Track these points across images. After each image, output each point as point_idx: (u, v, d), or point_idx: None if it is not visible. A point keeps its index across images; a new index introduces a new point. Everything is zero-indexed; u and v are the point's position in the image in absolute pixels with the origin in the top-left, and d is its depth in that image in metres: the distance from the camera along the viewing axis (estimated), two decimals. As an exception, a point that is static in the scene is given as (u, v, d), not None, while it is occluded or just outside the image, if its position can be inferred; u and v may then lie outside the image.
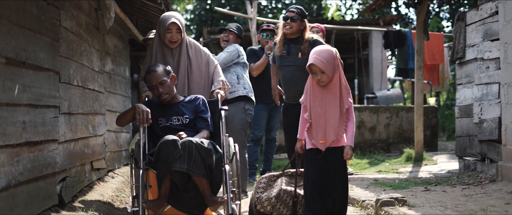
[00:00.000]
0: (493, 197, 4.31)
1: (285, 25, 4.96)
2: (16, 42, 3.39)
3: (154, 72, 3.80)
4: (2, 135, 3.16)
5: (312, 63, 3.41)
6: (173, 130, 3.72)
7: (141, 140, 3.55)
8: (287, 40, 5.00)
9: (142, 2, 6.30)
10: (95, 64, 5.58)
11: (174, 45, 4.10)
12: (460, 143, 6.39)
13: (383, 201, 4.05)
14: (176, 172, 3.42)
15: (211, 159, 3.48)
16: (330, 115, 3.40)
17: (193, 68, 4.14)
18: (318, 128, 3.44)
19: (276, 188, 3.85)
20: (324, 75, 3.39)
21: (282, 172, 3.97)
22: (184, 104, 3.88)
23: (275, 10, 21.66)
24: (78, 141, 4.82)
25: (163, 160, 3.41)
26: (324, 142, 3.42)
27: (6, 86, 3.24)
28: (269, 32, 6.39)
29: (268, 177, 4.00)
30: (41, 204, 3.78)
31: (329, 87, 3.44)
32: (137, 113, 3.63)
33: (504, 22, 5.10)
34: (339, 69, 3.46)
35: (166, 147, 3.42)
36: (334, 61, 3.43)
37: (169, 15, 4.14)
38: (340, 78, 3.44)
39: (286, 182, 3.88)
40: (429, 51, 10.19)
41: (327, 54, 3.43)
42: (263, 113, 6.44)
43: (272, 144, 6.75)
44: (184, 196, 3.52)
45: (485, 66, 5.72)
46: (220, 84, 4.14)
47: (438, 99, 16.47)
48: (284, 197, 3.80)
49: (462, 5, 18.59)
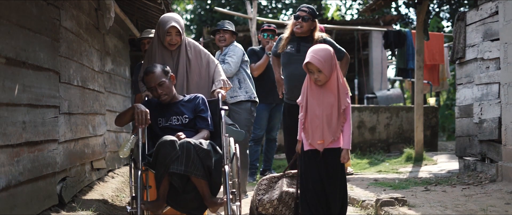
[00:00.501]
0: (493, 197, 4.31)
1: (296, 24, 4.90)
2: (16, 42, 3.39)
3: (152, 73, 3.74)
4: (2, 135, 3.16)
5: (309, 62, 3.36)
6: (173, 130, 3.67)
7: (140, 140, 3.52)
8: (296, 38, 4.94)
9: (142, 2, 6.30)
10: (95, 64, 5.58)
11: (173, 47, 4.07)
12: (460, 143, 6.39)
13: (383, 201, 4.05)
14: (174, 173, 3.38)
15: (210, 160, 3.44)
16: (328, 115, 3.35)
17: (192, 69, 4.10)
18: (316, 129, 3.38)
19: (278, 190, 3.81)
20: (321, 74, 3.35)
21: (283, 174, 3.93)
22: (183, 104, 3.83)
23: (275, 10, 21.67)
24: (78, 141, 4.82)
25: (161, 161, 3.37)
26: (322, 142, 3.36)
27: (6, 86, 3.24)
28: (270, 32, 6.38)
29: (269, 178, 3.96)
30: (41, 204, 3.78)
31: (326, 87, 3.39)
32: (136, 114, 3.59)
33: (504, 22, 5.10)
34: (337, 68, 3.41)
35: (164, 148, 3.37)
36: (332, 60, 3.38)
37: (168, 17, 4.09)
38: (337, 77, 3.39)
39: (288, 183, 3.84)
40: (429, 51, 10.19)
41: (324, 53, 3.39)
42: (263, 113, 6.44)
43: (273, 144, 6.75)
44: (183, 197, 3.47)
45: (485, 66, 5.72)
46: (221, 84, 4.09)
47: (438, 99, 16.46)
48: (286, 199, 3.76)
49: (462, 5, 18.58)
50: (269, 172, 6.69)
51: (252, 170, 6.48)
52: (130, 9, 6.87)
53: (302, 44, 4.87)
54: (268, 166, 6.77)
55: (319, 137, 3.36)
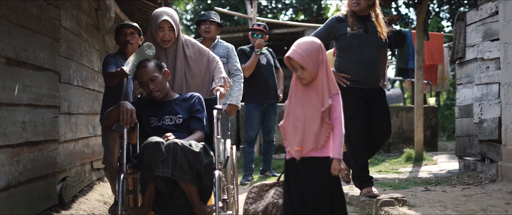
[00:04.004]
0: (493, 197, 4.31)
1: (352, 2, 4.37)
2: (16, 42, 3.39)
3: (144, 67, 3.47)
4: (2, 135, 3.16)
5: (289, 56, 2.86)
6: (165, 131, 3.40)
7: (125, 141, 3.28)
8: (360, 17, 4.42)
9: (142, 2, 6.30)
10: (95, 64, 5.58)
11: (167, 44, 3.74)
12: (460, 143, 6.39)
13: (383, 201, 4.04)
14: (159, 177, 3.12)
15: (200, 164, 3.17)
16: (311, 118, 2.83)
17: (192, 68, 3.83)
18: (296, 133, 2.86)
19: (265, 201, 3.40)
20: (305, 72, 2.84)
21: (276, 182, 3.48)
22: (178, 103, 3.56)
23: (275, 10, 21.67)
24: (78, 141, 4.83)
25: (145, 164, 3.12)
26: (300, 149, 2.83)
27: (6, 86, 3.24)
28: (259, 32, 6.28)
29: (260, 186, 3.52)
30: (41, 204, 3.78)
31: (312, 86, 2.88)
32: (121, 113, 3.32)
33: (504, 22, 5.10)
34: (325, 64, 2.88)
35: (148, 150, 3.12)
36: (317, 55, 2.86)
37: (161, 11, 3.77)
38: (327, 75, 2.87)
39: (278, 194, 3.39)
40: (428, 51, 10.19)
41: (307, 46, 2.87)
42: (254, 113, 6.38)
43: (270, 146, 6.69)
44: (171, 204, 3.21)
45: (485, 66, 5.72)
46: (221, 82, 3.79)
47: (438, 99, 16.47)
48: (273, 212, 3.33)
49: (462, 5, 18.58)
50: (269, 172, 6.69)
51: (247, 172, 6.43)
52: (130, 9, 6.87)
53: (368, 24, 4.41)
54: (268, 166, 6.74)
55: (298, 143, 2.85)
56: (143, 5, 6.50)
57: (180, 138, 3.28)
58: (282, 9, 21.55)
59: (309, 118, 2.84)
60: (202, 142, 3.35)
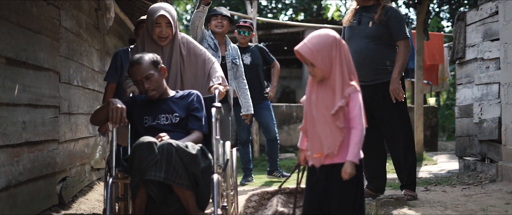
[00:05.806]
0: (493, 197, 4.31)
1: None
2: (16, 42, 3.39)
3: (139, 64, 3.18)
4: (2, 135, 3.16)
5: (296, 50, 2.61)
6: (160, 131, 3.12)
7: (114, 142, 3.00)
8: (360, 9, 4.24)
9: (142, 2, 6.30)
10: (95, 64, 5.58)
11: (164, 41, 3.53)
12: (460, 143, 6.39)
13: (383, 201, 4.04)
14: (151, 181, 2.84)
15: (197, 167, 2.90)
16: (325, 120, 2.55)
17: (187, 68, 3.61)
18: (314, 138, 2.58)
19: (270, 210, 3.00)
20: (315, 68, 2.57)
21: (278, 189, 3.09)
22: (174, 100, 3.29)
23: (275, 10, 21.66)
24: (78, 141, 4.83)
25: (136, 167, 2.85)
26: (319, 156, 2.55)
27: (6, 86, 3.24)
28: (246, 28, 6.06)
29: (261, 194, 3.12)
30: (41, 204, 3.78)
31: (326, 84, 2.58)
32: (110, 111, 3.04)
33: (504, 22, 5.10)
34: (339, 61, 2.58)
35: (140, 151, 2.85)
36: (330, 51, 2.58)
37: (157, 6, 3.55)
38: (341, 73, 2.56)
39: (283, 202, 3.01)
40: (428, 51, 10.19)
41: (318, 40, 2.60)
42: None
43: (274, 144, 6.30)
44: (164, 211, 2.93)
45: (485, 66, 5.72)
46: (219, 80, 3.54)
47: (438, 99, 16.46)
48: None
49: (462, 5, 18.58)
50: (277, 172, 6.34)
51: (246, 172, 6.26)
52: (130, 9, 6.87)
53: (364, 14, 4.20)
54: (275, 166, 6.37)
55: (318, 149, 2.57)
56: (143, 5, 6.50)
57: (176, 139, 3.02)
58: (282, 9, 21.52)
59: (324, 121, 2.55)
60: (200, 143, 3.11)
